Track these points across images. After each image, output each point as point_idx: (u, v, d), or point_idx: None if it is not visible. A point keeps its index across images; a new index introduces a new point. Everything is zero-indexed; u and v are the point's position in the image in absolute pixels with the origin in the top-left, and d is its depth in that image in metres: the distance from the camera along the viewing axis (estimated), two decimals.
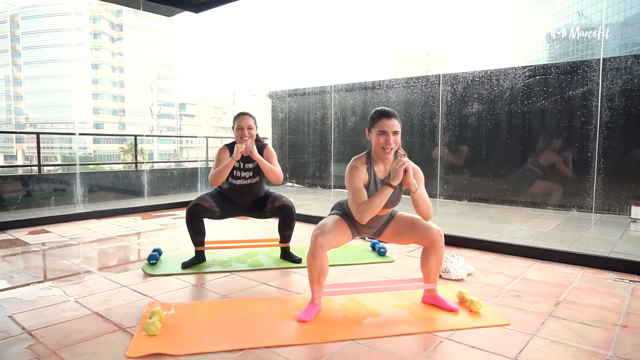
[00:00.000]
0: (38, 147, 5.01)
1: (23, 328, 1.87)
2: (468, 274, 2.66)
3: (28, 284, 2.44)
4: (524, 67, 5.00)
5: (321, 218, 2.41)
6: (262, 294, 2.34)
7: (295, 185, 8.00)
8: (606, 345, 1.75)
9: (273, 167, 2.72)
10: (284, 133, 8.05)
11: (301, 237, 3.50)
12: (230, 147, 2.81)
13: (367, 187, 2.00)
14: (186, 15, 5.41)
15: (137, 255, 3.12)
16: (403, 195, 2.14)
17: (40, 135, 5.39)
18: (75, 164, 5.09)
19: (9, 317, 1.98)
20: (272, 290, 2.41)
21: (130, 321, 1.94)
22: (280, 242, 2.94)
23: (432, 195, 5.79)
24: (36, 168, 5.34)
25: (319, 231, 1.95)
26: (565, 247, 3.11)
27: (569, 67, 4.61)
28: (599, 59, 4.13)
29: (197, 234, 2.79)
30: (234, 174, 2.78)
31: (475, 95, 5.52)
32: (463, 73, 5.60)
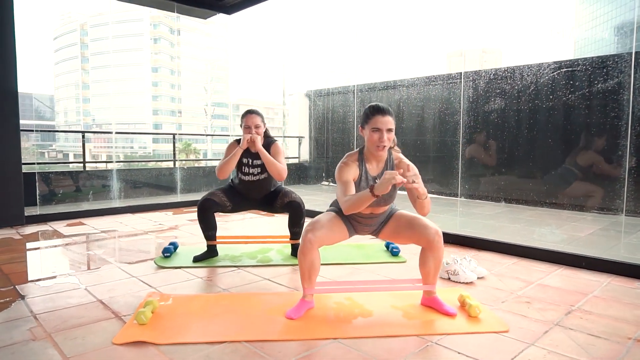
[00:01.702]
0: (83, 146, 5.36)
1: (31, 311, 2.00)
2: (479, 278, 2.54)
3: (49, 271, 2.62)
4: (551, 62, 4.73)
5: None
6: (261, 290, 2.35)
7: (331, 184, 7.99)
8: (610, 359, 1.60)
9: (275, 161, 2.71)
10: (321, 132, 8.06)
11: None
12: (240, 142, 2.86)
13: (358, 184, 1.96)
14: (238, 19, 5.54)
15: (156, 248, 3.24)
16: (400, 194, 2.08)
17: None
18: (112, 162, 5.37)
19: (23, 300, 2.13)
20: (274, 286, 2.42)
21: (128, 310, 2.02)
22: (290, 239, 2.94)
23: (453, 194, 5.61)
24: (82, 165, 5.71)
25: (309, 227, 1.93)
26: (597, 253, 2.88)
27: (599, 61, 4.27)
28: (630, 52, 3.79)
29: (207, 228, 2.85)
30: (243, 170, 2.82)
31: (512, 92, 5.25)
32: (495, 69, 5.36)
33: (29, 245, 3.27)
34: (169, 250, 2.92)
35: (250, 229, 3.94)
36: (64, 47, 63.04)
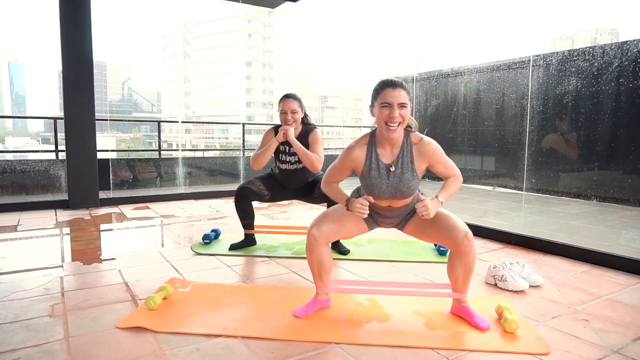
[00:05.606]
0: (158, 134, 5.70)
1: (62, 288, 2.11)
2: (533, 286, 2.18)
3: (96, 252, 2.77)
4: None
5: None
6: (284, 283, 2.25)
7: None
8: None
9: (308, 152, 2.56)
10: None
11: None
12: (277, 129, 2.77)
13: (367, 173, 1.71)
14: (328, 12, 5.55)
15: (202, 235, 3.29)
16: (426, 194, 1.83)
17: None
18: (177, 149, 5.63)
19: (61, 277, 2.26)
20: (297, 279, 2.31)
21: (146, 294, 2.04)
22: None
23: (518, 187, 4.99)
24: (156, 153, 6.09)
25: (314, 222, 1.78)
26: None
27: None
28: None
29: (245, 216, 2.82)
30: (280, 158, 2.74)
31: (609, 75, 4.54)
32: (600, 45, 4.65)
33: (93, 226, 3.53)
34: (209, 237, 2.94)
35: (299, 220, 3.86)
36: (169, 45, 68.81)
